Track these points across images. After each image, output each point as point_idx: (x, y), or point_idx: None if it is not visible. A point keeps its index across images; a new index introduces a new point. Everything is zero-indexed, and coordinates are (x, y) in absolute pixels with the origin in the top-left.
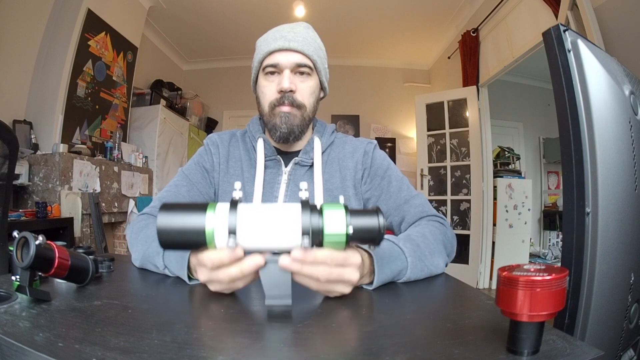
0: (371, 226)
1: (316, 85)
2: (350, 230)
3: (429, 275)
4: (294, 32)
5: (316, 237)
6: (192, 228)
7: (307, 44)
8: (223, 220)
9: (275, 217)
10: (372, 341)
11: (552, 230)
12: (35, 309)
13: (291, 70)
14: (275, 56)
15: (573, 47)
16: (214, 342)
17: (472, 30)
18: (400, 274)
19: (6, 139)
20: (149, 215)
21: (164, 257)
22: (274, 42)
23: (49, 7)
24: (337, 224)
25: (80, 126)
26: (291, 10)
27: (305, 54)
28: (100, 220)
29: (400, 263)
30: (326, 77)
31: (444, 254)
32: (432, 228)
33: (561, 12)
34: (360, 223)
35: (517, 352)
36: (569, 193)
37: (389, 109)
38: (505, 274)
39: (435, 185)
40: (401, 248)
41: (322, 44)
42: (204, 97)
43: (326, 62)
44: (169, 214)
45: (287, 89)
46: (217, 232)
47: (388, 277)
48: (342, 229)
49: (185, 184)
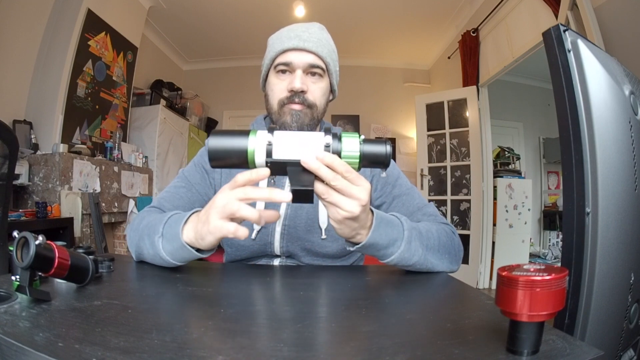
0: (380, 151)
1: (327, 87)
2: (362, 148)
3: (422, 267)
4: (308, 33)
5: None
6: (237, 148)
7: (322, 45)
8: (262, 142)
9: (304, 138)
10: (372, 341)
11: (552, 230)
12: (35, 309)
13: (303, 71)
14: (289, 55)
15: (573, 47)
16: (214, 342)
17: (472, 30)
18: (394, 245)
19: (6, 139)
20: (146, 212)
21: (165, 225)
22: (288, 40)
23: (49, 7)
24: (352, 145)
25: (80, 126)
26: (291, 10)
27: (319, 55)
28: (100, 220)
29: (397, 232)
30: (337, 79)
31: (444, 255)
32: (440, 229)
33: (561, 12)
34: (372, 148)
35: (516, 352)
36: (569, 193)
37: (389, 109)
38: (505, 274)
39: (435, 185)
40: (402, 222)
41: (335, 47)
42: (204, 97)
43: (338, 64)
44: (219, 136)
45: (299, 89)
46: (257, 152)
47: (383, 240)
48: (356, 149)
49: (184, 185)
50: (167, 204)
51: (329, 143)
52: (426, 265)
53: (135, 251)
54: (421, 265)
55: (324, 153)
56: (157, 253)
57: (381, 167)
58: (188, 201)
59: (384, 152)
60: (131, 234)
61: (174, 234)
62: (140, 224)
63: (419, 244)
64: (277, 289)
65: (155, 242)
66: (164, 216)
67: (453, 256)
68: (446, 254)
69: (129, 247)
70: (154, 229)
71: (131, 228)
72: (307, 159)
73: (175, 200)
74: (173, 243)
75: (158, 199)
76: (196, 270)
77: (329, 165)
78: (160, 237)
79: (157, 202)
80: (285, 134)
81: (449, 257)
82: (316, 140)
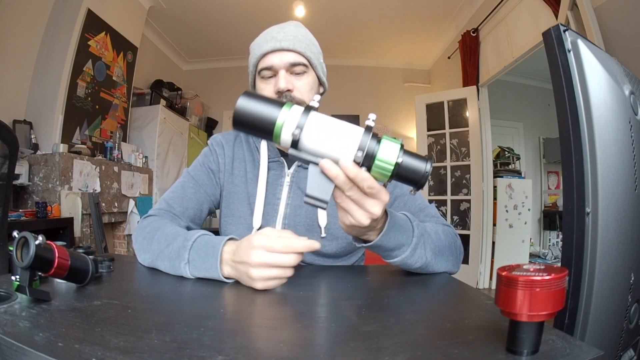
0: (418, 168)
1: (314, 81)
2: (400, 159)
3: (424, 271)
4: (284, 32)
5: (368, 159)
6: (266, 116)
7: (299, 41)
8: (294, 118)
9: (339, 129)
10: (372, 341)
11: (552, 230)
12: (35, 309)
13: (286, 70)
14: (269, 58)
15: (573, 47)
16: (214, 342)
17: (472, 30)
18: (400, 249)
19: (6, 139)
20: (158, 217)
21: (190, 251)
22: (264, 44)
23: (49, 7)
24: (390, 153)
25: (80, 126)
26: (291, 10)
27: (298, 52)
28: (100, 220)
29: (406, 238)
30: (323, 72)
31: (449, 257)
32: (446, 231)
33: (561, 12)
34: (410, 162)
35: (516, 352)
36: (569, 193)
37: (389, 109)
38: (504, 274)
39: (435, 185)
40: (413, 227)
41: (315, 40)
42: (204, 97)
43: (321, 57)
44: (250, 98)
45: (284, 89)
46: (285, 126)
47: (390, 244)
48: (393, 158)
49: (192, 185)
50: (176, 206)
51: (365, 145)
52: (427, 269)
53: (149, 263)
54: (422, 270)
55: (348, 164)
56: (180, 274)
57: (413, 185)
58: (197, 202)
59: (422, 170)
60: (142, 242)
61: (208, 268)
62: (155, 236)
63: (425, 250)
64: (277, 289)
65: (180, 268)
66: (185, 238)
67: (455, 258)
68: (450, 257)
69: (137, 252)
70: (177, 254)
71: (142, 235)
72: (327, 165)
73: (185, 201)
74: (206, 272)
75: (165, 199)
76: None
77: (352, 179)
78: (187, 264)
79: (164, 203)
80: (321, 119)
81: (452, 259)
82: (352, 137)
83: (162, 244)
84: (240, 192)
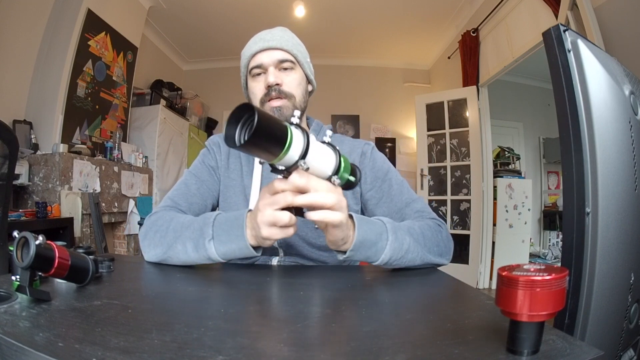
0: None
1: (302, 77)
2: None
3: (416, 258)
4: (271, 34)
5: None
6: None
7: (285, 40)
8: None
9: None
10: (372, 341)
11: (552, 230)
12: (35, 309)
13: (275, 67)
14: (258, 57)
15: (573, 47)
16: (214, 342)
17: (472, 30)
18: (381, 237)
19: (6, 139)
20: (166, 212)
21: (214, 226)
22: (254, 45)
23: (49, 7)
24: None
25: (80, 126)
26: (291, 10)
27: (284, 50)
28: (100, 220)
29: (380, 227)
30: (311, 70)
31: (432, 248)
32: (424, 225)
33: (561, 12)
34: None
35: (517, 352)
36: (569, 193)
37: (388, 109)
38: (505, 274)
39: (435, 185)
40: (380, 219)
41: (301, 42)
42: (204, 97)
43: (308, 57)
44: (265, 116)
45: (273, 83)
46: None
47: (370, 235)
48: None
49: (195, 181)
50: (182, 202)
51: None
52: (419, 256)
53: (163, 253)
54: (414, 255)
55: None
56: (204, 255)
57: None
58: (201, 197)
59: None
60: (153, 236)
61: (234, 238)
62: (170, 226)
63: (404, 234)
64: (276, 289)
65: (204, 245)
66: (205, 217)
67: (442, 249)
68: (434, 247)
69: (145, 248)
70: (200, 232)
71: (153, 229)
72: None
73: (189, 196)
74: (232, 245)
75: (170, 197)
76: (196, 270)
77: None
78: (212, 240)
79: (169, 200)
80: (316, 143)
81: (437, 249)
82: (333, 156)
83: (180, 230)
84: (236, 185)
